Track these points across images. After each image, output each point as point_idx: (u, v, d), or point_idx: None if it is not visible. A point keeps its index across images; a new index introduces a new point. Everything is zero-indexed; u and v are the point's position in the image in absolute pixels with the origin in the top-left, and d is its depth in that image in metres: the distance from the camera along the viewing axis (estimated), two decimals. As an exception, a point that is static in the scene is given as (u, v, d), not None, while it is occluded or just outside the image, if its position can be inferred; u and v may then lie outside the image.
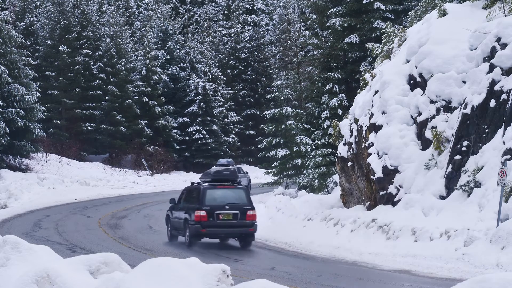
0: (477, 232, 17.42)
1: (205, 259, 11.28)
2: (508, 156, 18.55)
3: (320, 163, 33.81)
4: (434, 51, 23.39)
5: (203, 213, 20.48)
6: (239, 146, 67.82)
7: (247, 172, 41.43)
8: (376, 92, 25.31)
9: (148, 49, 62.06)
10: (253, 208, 21.01)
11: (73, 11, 60.69)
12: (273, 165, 37.78)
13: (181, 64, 67.97)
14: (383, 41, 28.85)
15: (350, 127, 26.95)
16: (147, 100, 60.74)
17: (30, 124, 44.63)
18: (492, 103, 20.17)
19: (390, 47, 28.04)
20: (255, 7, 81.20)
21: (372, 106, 25.18)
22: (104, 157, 60.47)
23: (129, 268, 10.34)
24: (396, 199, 22.39)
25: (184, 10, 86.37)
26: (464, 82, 22.08)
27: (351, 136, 26.68)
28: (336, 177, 31.83)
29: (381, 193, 23.22)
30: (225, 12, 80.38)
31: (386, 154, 23.27)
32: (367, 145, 24.52)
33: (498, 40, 20.89)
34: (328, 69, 39.09)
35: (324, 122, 36.44)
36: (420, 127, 23.14)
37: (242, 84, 72.63)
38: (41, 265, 9.66)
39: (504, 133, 19.36)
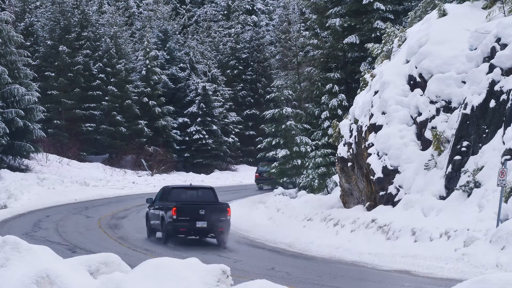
0: (477, 232, 17.42)
1: (205, 260, 11.27)
2: (508, 156, 18.54)
3: (320, 164, 33.77)
4: (434, 52, 23.38)
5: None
6: (239, 147, 67.77)
7: None
8: (376, 93, 25.30)
9: (148, 49, 62.02)
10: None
11: (73, 12, 60.62)
12: (273, 165, 37.78)
13: (181, 64, 67.91)
14: (383, 41, 28.84)
15: (350, 128, 26.95)
16: (147, 100, 60.67)
17: (30, 124, 44.58)
18: (492, 103, 20.16)
19: (390, 47, 28.03)
20: (255, 8, 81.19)
21: (372, 107, 25.17)
22: (104, 157, 60.39)
23: (129, 268, 10.35)
24: (396, 199, 22.39)
25: (184, 11, 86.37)
26: (464, 82, 22.07)
27: (351, 136, 26.67)
28: (336, 178, 31.80)
29: (381, 193, 23.21)
30: (225, 12, 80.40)
31: (386, 155, 23.27)
32: (367, 146, 24.52)
33: (498, 40, 20.89)
34: (328, 70, 39.04)
35: (324, 123, 36.39)
36: (420, 127, 23.13)
37: (242, 85, 72.61)
38: (41, 266, 9.66)
39: (504, 133, 19.35)
